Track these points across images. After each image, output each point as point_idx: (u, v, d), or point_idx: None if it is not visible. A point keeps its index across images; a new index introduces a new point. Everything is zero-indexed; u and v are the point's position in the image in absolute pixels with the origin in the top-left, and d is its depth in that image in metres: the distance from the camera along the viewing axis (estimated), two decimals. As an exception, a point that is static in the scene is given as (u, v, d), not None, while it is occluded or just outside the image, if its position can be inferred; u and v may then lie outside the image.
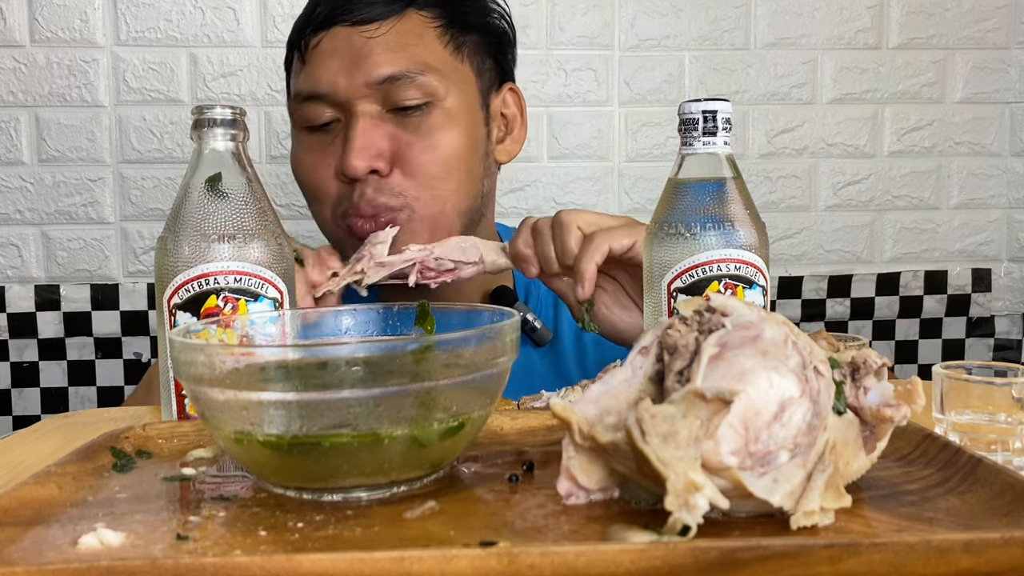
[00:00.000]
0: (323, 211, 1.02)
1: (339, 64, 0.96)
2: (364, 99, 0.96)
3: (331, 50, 0.97)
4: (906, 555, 0.40)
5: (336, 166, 0.98)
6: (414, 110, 0.97)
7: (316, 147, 1.00)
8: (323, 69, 0.97)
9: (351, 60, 0.96)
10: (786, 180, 1.70)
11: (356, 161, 0.95)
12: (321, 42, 0.98)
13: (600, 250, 0.84)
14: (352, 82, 0.96)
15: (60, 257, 1.57)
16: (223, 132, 0.72)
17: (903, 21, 1.68)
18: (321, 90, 0.97)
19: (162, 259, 0.71)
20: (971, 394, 0.64)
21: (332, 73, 0.97)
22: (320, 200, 1.01)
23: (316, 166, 1.00)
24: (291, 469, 0.50)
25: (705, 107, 0.70)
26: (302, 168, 1.02)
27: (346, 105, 0.97)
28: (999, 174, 1.74)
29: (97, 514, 0.49)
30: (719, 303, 0.50)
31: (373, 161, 0.96)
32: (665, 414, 0.43)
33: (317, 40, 0.98)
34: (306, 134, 1.01)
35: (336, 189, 0.99)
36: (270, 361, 0.52)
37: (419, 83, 0.97)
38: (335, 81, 0.96)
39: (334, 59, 0.97)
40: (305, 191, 1.04)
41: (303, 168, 1.02)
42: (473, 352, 0.51)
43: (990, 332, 1.76)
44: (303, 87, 0.99)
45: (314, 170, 1.00)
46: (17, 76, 1.53)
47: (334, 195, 0.99)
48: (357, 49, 0.96)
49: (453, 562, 0.39)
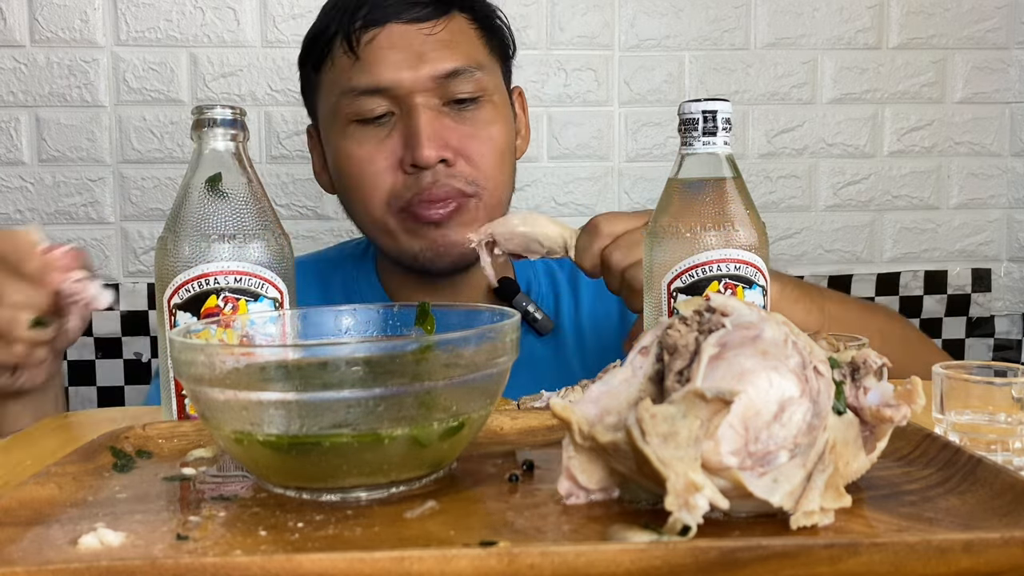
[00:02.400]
0: (373, 203, 1.02)
1: (400, 59, 0.99)
2: (425, 92, 0.99)
3: (389, 46, 0.99)
4: (906, 555, 0.40)
5: (396, 158, 0.99)
6: (469, 104, 1.02)
7: (370, 140, 1.01)
8: (383, 64, 0.99)
9: (413, 55, 0.99)
10: (786, 180, 1.70)
11: (428, 151, 0.97)
12: (376, 38, 0.99)
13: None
14: (416, 76, 0.98)
15: (60, 257, 1.57)
16: (223, 132, 0.72)
17: (903, 21, 1.68)
18: (383, 84, 0.99)
19: (162, 259, 0.71)
20: (971, 394, 0.64)
21: (393, 68, 0.99)
22: (372, 192, 1.01)
23: (372, 158, 1.00)
24: (291, 469, 0.50)
25: (705, 107, 0.70)
26: (354, 161, 1.02)
27: (405, 98, 0.99)
28: (999, 174, 1.74)
29: (97, 514, 0.49)
30: (719, 303, 0.50)
31: (442, 151, 0.98)
32: (665, 414, 0.43)
33: (371, 36, 0.99)
34: (356, 127, 1.01)
35: (393, 181, 1.00)
36: (270, 361, 0.52)
37: (475, 78, 1.02)
38: (397, 75, 0.98)
39: (394, 54, 0.99)
40: (352, 184, 1.03)
41: (355, 161, 1.01)
42: (473, 352, 0.51)
43: (990, 332, 1.76)
44: (361, 81, 0.99)
45: (370, 162, 1.01)
46: (17, 76, 1.53)
47: (390, 187, 1.00)
48: (417, 45, 1.00)
49: (453, 562, 0.39)
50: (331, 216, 1.62)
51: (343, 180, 1.05)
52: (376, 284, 1.14)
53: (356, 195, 1.04)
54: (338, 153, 1.04)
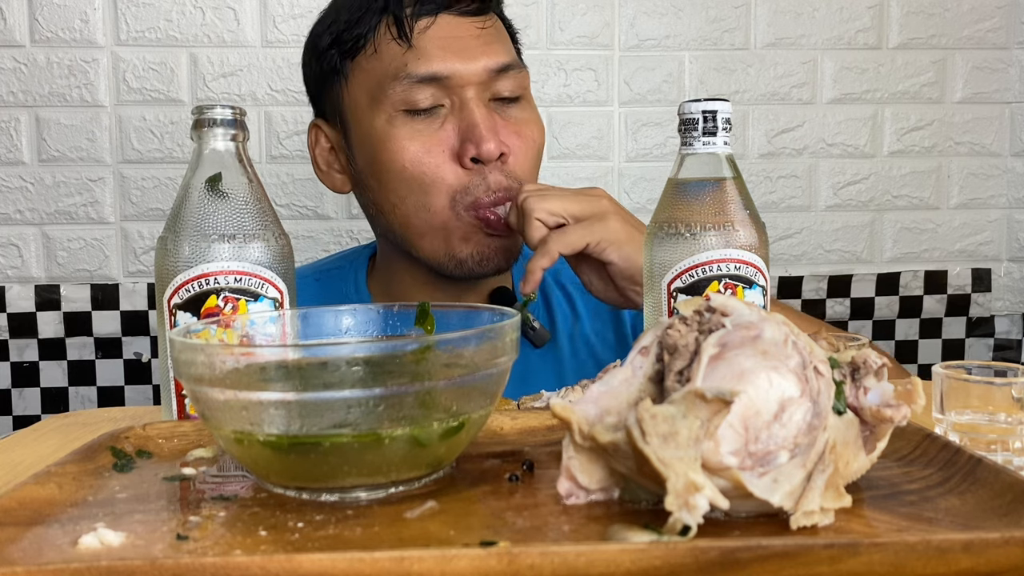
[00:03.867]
0: (437, 199, 0.97)
1: (458, 48, 0.97)
2: (477, 86, 0.98)
3: (445, 35, 0.97)
4: (906, 555, 0.40)
5: (453, 151, 0.97)
6: (512, 102, 1.01)
7: (423, 132, 0.97)
8: (441, 52, 0.97)
9: (468, 47, 0.98)
10: (786, 180, 1.70)
11: (491, 144, 0.95)
12: (432, 27, 0.97)
13: (549, 255, 0.87)
14: (472, 68, 0.97)
15: (60, 257, 1.57)
16: (223, 132, 0.72)
17: (903, 21, 1.68)
18: (442, 73, 0.96)
19: (162, 259, 0.71)
20: (971, 394, 0.64)
21: (452, 57, 0.97)
22: (435, 187, 0.97)
23: (429, 151, 0.97)
24: (291, 469, 0.50)
25: (705, 107, 0.70)
26: (408, 154, 0.97)
27: (459, 91, 0.97)
28: (999, 174, 1.74)
29: (97, 514, 0.49)
30: (719, 303, 0.50)
31: (501, 145, 0.97)
32: (665, 414, 0.43)
33: (426, 24, 0.97)
34: (405, 118, 0.97)
35: (455, 176, 0.97)
36: (270, 361, 0.52)
37: (520, 76, 1.01)
38: (454, 66, 0.96)
39: (451, 43, 0.97)
40: (406, 178, 0.98)
41: (410, 154, 0.97)
42: (473, 352, 0.51)
43: (990, 332, 1.76)
44: (419, 68, 0.96)
45: (427, 154, 0.97)
46: (17, 76, 1.53)
47: (453, 182, 0.97)
48: (471, 37, 0.98)
49: (453, 562, 0.39)
50: (331, 216, 1.62)
51: (389, 174, 0.99)
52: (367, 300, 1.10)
53: (409, 190, 0.98)
54: (386, 143, 0.98)
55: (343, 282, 1.13)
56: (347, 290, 1.12)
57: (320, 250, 1.61)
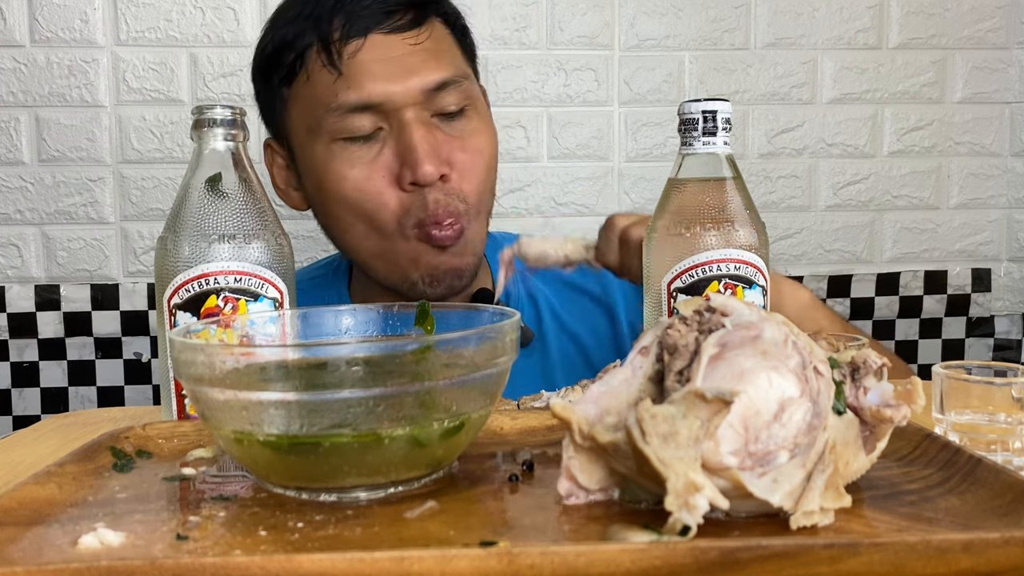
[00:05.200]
0: (383, 225, 0.96)
1: (388, 71, 0.94)
2: (415, 106, 0.95)
3: (375, 58, 0.94)
4: (906, 555, 0.40)
5: (392, 175, 0.95)
6: (457, 115, 0.98)
7: (362, 158, 0.95)
8: (371, 77, 0.94)
9: (401, 67, 0.94)
10: (786, 180, 1.70)
11: (428, 167, 0.93)
12: (360, 51, 0.94)
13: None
14: (407, 89, 0.94)
15: (60, 257, 1.57)
16: (223, 132, 0.72)
17: (903, 21, 1.68)
18: (374, 100, 0.94)
19: (162, 259, 0.71)
20: (971, 394, 0.64)
21: (383, 81, 0.94)
22: (379, 213, 0.96)
23: (369, 178, 0.95)
24: (291, 469, 0.50)
25: (705, 107, 0.70)
26: (349, 182, 0.95)
27: (396, 113, 0.94)
28: (999, 174, 1.74)
29: (97, 514, 0.49)
30: (719, 303, 0.50)
31: (442, 166, 0.94)
32: (665, 414, 0.43)
33: (354, 49, 0.94)
34: (344, 145, 0.95)
35: (397, 200, 0.95)
36: (270, 361, 0.52)
37: (463, 88, 0.98)
38: (387, 89, 0.94)
39: (381, 67, 0.94)
40: (348, 206, 0.97)
41: (351, 182, 0.95)
42: (473, 352, 0.51)
43: (990, 332, 1.76)
44: (350, 98, 0.94)
45: (368, 182, 0.95)
46: (17, 76, 1.53)
47: (396, 207, 0.95)
48: (404, 56, 0.95)
49: (453, 562, 0.39)
50: (331, 216, 1.62)
51: (333, 202, 0.98)
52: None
53: (355, 217, 0.97)
54: (326, 174, 0.97)
55: (326, 290, 1.13)
56: (330, 299, 1.11)
57: (320, 250, 1.61)
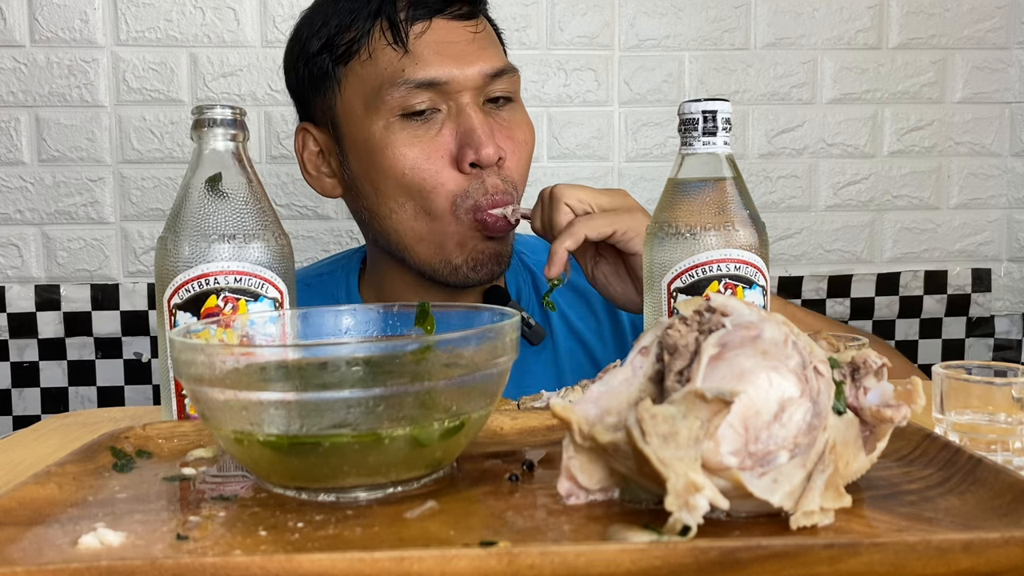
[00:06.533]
0: (436, 205, 0.97)
1: (454, 53, 0.97)
2: (473, 90, 0.98)
3: (441, 40, 0.98)
4: (906, 555, 0.40)
5: (451, 156, 0.97)
6: (505, 104, 1.02)
7: (422, 138, 0.97)
8: (437, 57, 0.97)
9: (464, 51, 0.98)
10: (786, 180, 1.70)
11: (490, 149, 0.95)
12: (427, 32, 0.98)
13: (575, 236, 0.87)
14: (469, 73, 0.97)
15: (60, 257, 1.57)
16: (223, 132, 0.72)
17: (903, 21, 1.68)
18: (440, 78, 0.96)
19: (162, 259, 0.71)
20: (971, 394, 0.64)
21: (448, 62, 0.97)
22: (435, 192, 0.97)
23: (429, 157, 0.97)
24: (291, 469, 0.50)
25: (705, 107, 0.70)
26: (408, 160, 0.97)
27: (456, 95, 0.97)
28: (999, 174, 1.74)
29: (97, 514, 0.49)
30: (719, 303, 0.50)
31: (499, 150, 0.97)
32: (665, 414, 0.43)
33: (421, 29, 0.97)
34: (403, 123, 0.97)
35: (455, 181, 0.97)
36: (270, 361, 0.52)
37: (514, 79, 1.02)
38: (452, 71, 0.97)
39: (446, 49, 0.97)
40: (407, 185, 0.97)
41: (410, 160, 0.97)
42: (473, 352, 0.51)
43: (990, 332, 1.76)
44: (417, 74, 0.96)
45: (427, 160, 0.97)
46: (17, 76, 1.53)
47: (452, 187, 0.97)
48: (466, 42, 0.99)
49: (453, 562, 0.39)
50: (331, 216, 1.62)
51: (388, 180, 0.98)
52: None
53: (407, 196, 0.98)
54: (384, 150, 0.97)
55: (335, 287, 1.13)
56: (339, 295, 1.12)
57: (320, 250, 1.61)
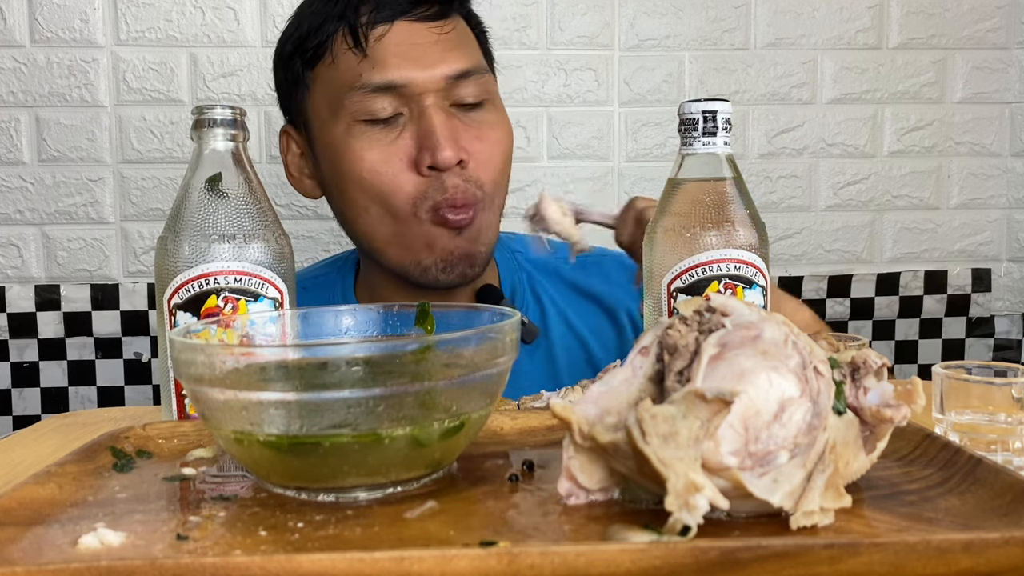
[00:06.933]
0: (398, 207, 0.97)
1: (413, 56, 0.97)
2: (436, 93, 0.97)
3: (401, 42, 0.97)
4: (906, 555, 0.40)
5: (410, 159, 0.97)
6: (475, 107, 1.00)
7: (380, 141, 0.97)
8: (395, 61, 0.96)
9: (425, 54, 0.97)
10: (786, 180, 1.70)
11: (448, 151, 0.95)
12: (387, 35, 0.97)
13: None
14: (430, 75, 0.97)
15: (60, 257, 1.57)
16: (223, 132, 0.72)
17: (903, 21, 1.68)
18: (397, 81, 0.96)
19: (162, 259, 0.71)
20: (971, 394, 0.64)
21: (407, 66, 0.96)
22: (394, 196, 0.97)
23: (387, 160, 0.97)
24: (291, 469, 0.50)
25: (705, 107, 0.70)
26: (367, 163, 0.97)
27: (417, 98, 0.97)
28: (999, 174, 1.74)
29: (97, 514, 0.49)
30: (719, 303, 0.50)
31: (460, 152, 0.96)
32: (665, 414, 0.43)
33: (381, 32, 0.97)
34: (364, 128, 0.97)
35: (413, 184, 0.97)
36: (270, 361, 0.52)
37: (483, 81, 1.01)
38: (410, 74, 0.96)
39: (406, 51, 0.97)
40: (365, 188, 0.98)
41: (368, 163, 0.97)
42: (473, 352, 0.51)
43: (990, 332, 1.76)
44: (373, 78, 0.96)
45: (385, 164, 0.97)
46: (17, 76, 1.53)
47: (412, 190, 0.97)
48: (428, 44, 0.98)
49: (453, 562, 0.39)
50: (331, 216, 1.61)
51: (349, 184, 0.99)
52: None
53: (370, 200, 0.99)
54: (344, 154, 0.98)
55: (331, 290, 1.13)
56: (335, 298, 1.12)
57: (320, 250, 1.61)
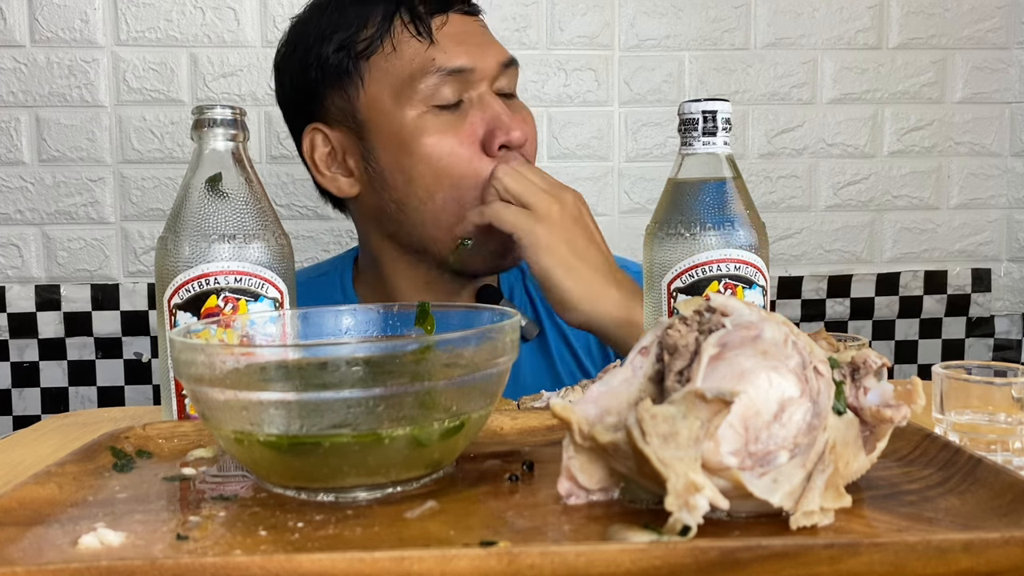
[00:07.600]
0: (468, 192, 0.98)
1: (476, 42, 1.01)
2: (488, 80, 1.01)
3: (462, 31, 1.01)
4: (906, 555, 0.40)
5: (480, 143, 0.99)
6: (510, 97, 1.05)
7: (454, 125, 0.99)
8: (463, 47, 1.00)
9: (482, 41, 1.02)
10: (786, 180, 1.70)
11: (518, 132, 0.99)
12: (447, 23, 1.01)
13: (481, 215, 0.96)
14: (490, 61, 1.01)
15: (60, 257, 1.57)
16: (223, 132, 0.72)
17: (903, 21, 1.68)
18: (467, 65, 0.99)
19: (162, 259, 0.71)
20: (971, 394, 0.64)
21: (473, 50, 1.00)
22: (467, 179, 0.98)
23: (462, 143, 0.98)
24: (291, 469, 0.50)
25: (705, 107, 0.70)
26: (446, 147, 0.98)
27: (476, 84, 1.00)
28: (999, 174, 1.74)
29: (97, 514, 0.49)
30: (719, 303, 0.50)
31: (527, 132, 1.01)
32: (665, 414, 0.43)
33: (441, 22, 1.00)
34: (437, 113, 0.99)
35: (486, 167, 0.98)
36: (270, 361, 0.52)
37: (517, 72, 1.06)
38: (475, 59, 1.00)
39: (468, 39, 1.01)
40: (443, 172, 0.98)
41: (448, 146, 0.98)
42: (473, 352, 0.51)
43: (990, 332, 1.76)
44: (448, 63, 0.98)
45: (461, 147, 0.98)
46: (17, 76, 1.53)
47: (483, 175, 0.98)
48: (480, 33, 1.04)
49: (453, 562, 0.39)
50: (331, 216, 1.62)
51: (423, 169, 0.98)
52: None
53: (440, 185, 0.98)
54: (418, 139, 0.98)
55: (330, 289, 1.13)
56: (335, 297, 1.12)
57: (320, 250, 1.61)
